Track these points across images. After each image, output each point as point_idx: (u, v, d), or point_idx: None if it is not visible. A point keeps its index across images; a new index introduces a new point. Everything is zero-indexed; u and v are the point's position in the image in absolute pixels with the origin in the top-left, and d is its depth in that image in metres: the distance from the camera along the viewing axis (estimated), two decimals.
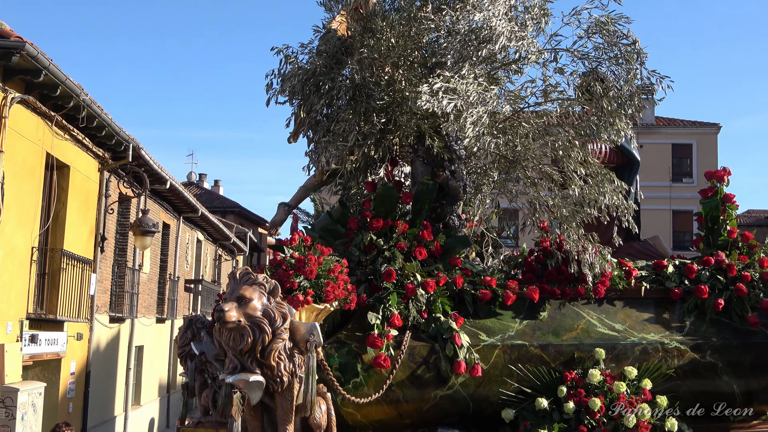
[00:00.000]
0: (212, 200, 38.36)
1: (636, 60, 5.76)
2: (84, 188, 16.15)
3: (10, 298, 13.15)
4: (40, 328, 14.27)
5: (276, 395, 4.79)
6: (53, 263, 14.92)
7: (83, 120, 14.48)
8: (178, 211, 23.40)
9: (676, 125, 44.63)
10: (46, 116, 13.85)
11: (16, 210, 13.19)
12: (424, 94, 5.23)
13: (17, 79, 12.74)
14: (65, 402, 15.61)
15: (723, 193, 6.78)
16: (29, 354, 13.92)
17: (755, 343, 6.20)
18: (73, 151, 15.35)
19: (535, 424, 5.60)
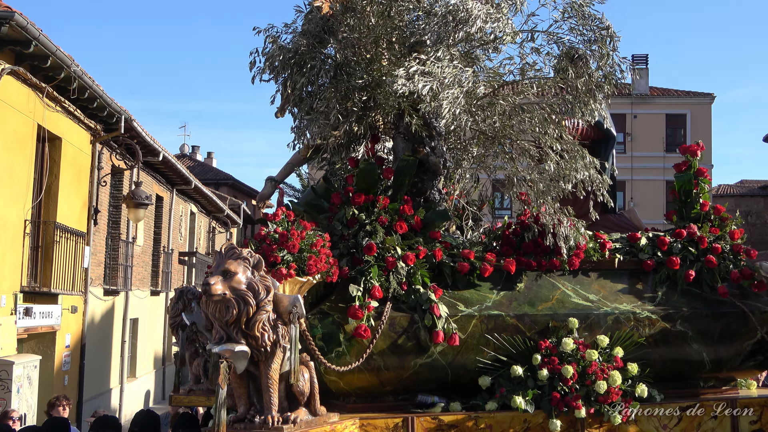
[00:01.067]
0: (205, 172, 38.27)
1: (608, 44, 5.88)
2: (76, 160, 16.18)
3: (4, 271, 13.25)
4: (34, 301, 14.38)
5: (261, 364, 4.98)
6: (46, 236, 15.00)
7: (74, 91, 14.50)
8: (172, 184, 23.42)
9: (670, 95, 44.57)
10: (36, 88, 13.87)
11: (8, 182, 13.24)
12: (401, 78, 5.37)
13: (7, 50, 12.75)
14: (60, 375, 15.76)
15: (696, 167, 6.91)
16: (24, 327, 14.05)
17: (724, 313, 6.38)
18: (65, 122, 15.38)
19: (510, 390, 5.76)
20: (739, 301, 6.46)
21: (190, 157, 43.06)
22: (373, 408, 5.81)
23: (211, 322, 5.02)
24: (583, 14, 5.95)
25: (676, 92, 44.39)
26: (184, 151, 43.48)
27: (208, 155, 45.75)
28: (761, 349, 6.46)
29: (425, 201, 6.29)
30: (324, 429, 5.18)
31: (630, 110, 42.48)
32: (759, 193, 53.23)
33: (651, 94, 43.95)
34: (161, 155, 19.51)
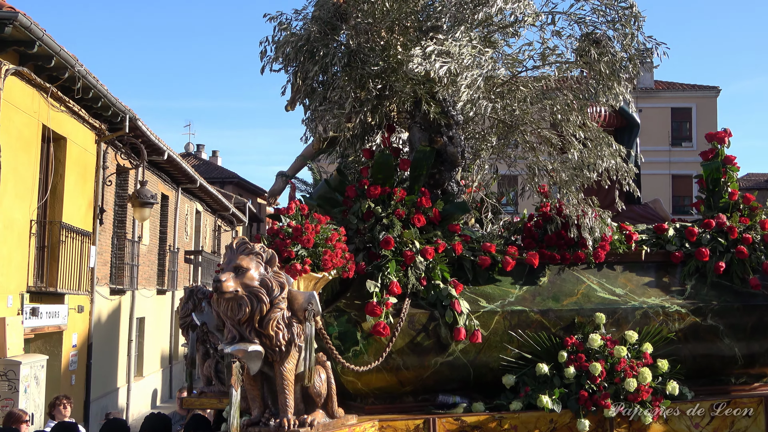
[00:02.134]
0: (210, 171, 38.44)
1: (633, 24, 5.68)
2: (81, 160, 16.18)
3: (10, 272, 13.21)
4: (40, 301, 14.36)
5: (275, 364, 4.78)
6: (52, 236, 14.99)
7: (79, 91, 14.50)
8: (177, 183, 23.49)
9: (676, 89, 44.56)
10: (41, 88, 13.85)
11: (13, 183, 13.22)
12: (417, 57, 5.17)
13: (11, 51, 12.73)
14: (68, 374, 15.74)
15: (724, 155, 6.73)
16: (30, 327, 14.01)
17: (757, 306, 6.20)
18: (70, 122, 15.37)
19: (535, 389, 5.58)
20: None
21: (195, 155, 43.25)
22: (393, 409, 5.63)
23: (222, 321, 4.82)
24: None
25: (682, 86, 44.37)
26: (188, 150, 43.66)
27: (213, 154, 45.93)
28: None
29: (443, 193, 6.11)
30: (342, 431, 5.00)
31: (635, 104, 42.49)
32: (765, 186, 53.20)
33: (656, 87, 43.95)
34: (166, 154, 19.54)
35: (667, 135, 42.31)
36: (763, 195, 37.79)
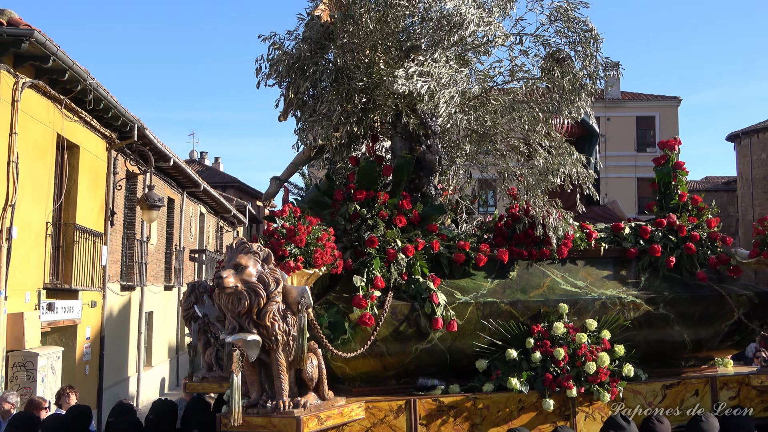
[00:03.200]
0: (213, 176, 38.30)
1: (592, 45, 5.79)
2: (93, 166, 16.15)
3: (28, 270, 13.18)
4: (56, 297, 14.33)
5: (271, 352, 4.87)
6: (67, 237, 14.96)
7: (90, 102, 14.47)
8: (182, 187, 23.42)
9: (640, 99, 44.70)
10: (55, 99, 13.82)
11: (30, 188, 13.18)
12: (400, 78, 5.26)
13: (27, 65, 12.70)
14: (82, 365, 15.70)
15: (674, 161, 6.82)
16: (47, 321, 13.98)
17: (703, 296, 6.30)
18: (82, 132, 15.34)
19: (505, 372, 5.67)
20: (716, 285, 6.38)
21: (199, 162, 43.08)
22: (378, 391, 5.71)
23: (223, 313, 4.90)
24: (568, 17, 5.85)
25: (646, 96, 44.50)
26: (193, 157, 43.48)
27: (216, 160, 45.74)
28: (738, 329, 6.37)
29: (422, 196, 6.19)
30: (332, 412, 5.07)
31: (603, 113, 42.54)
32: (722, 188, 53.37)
33: (622, 98, 44.05)
34: (172, 161, 19.50)
35: (633, 141, 42.43)
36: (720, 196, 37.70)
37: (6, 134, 12.15)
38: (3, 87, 12.16)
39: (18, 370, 12.87)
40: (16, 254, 12.46)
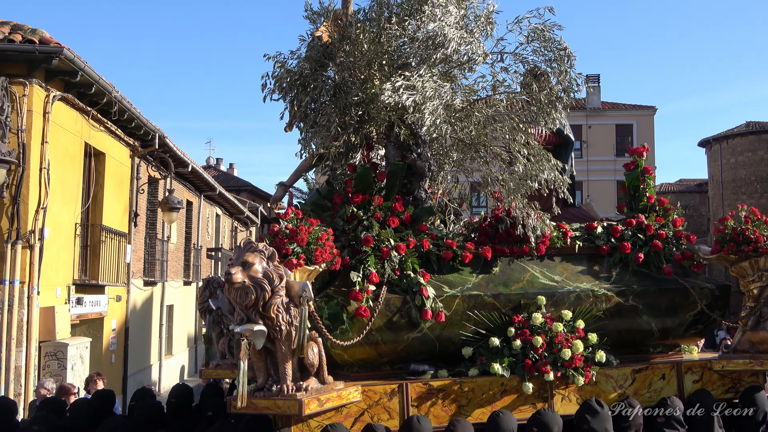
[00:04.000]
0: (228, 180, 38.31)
1: (566, 62, 5.83)
2: (118, 172, 16.20)
3: (58, 267, 13.23)
4: (84, 292, 14.38)
5: (276, 341, 4.92)
6: (94, 236, 15.01)
7: (115, 113, 14.52)
8: (199, 190, 23.46)
9: (619, 108, 44.68)
10: (83, 111, 13.87)
11: (60, 192, 13.23)
12: (388, 91, 5.32)
13: (57, 80, 12.74)
14: (108, 354, 15.77)
15: (642, 166, 6.86)
16: (76, 314, 14.04)
17: (669, 289, 6.33)
18: (108, 140, 15.40)
19: (489, 358, 5.71)
20: (681, 278, 6.40)
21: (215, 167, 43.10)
22: (373, 376, 5.75)
23: (233, 306, 4.96)
24: (545, 38, 5.89)
25: (624, 105, 44.48)
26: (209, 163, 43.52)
27: (230, 166, 45.75)
28: (701, 319, 6.41)
29: (413, 199, 6.23)
30: (331, 395, 5.12)
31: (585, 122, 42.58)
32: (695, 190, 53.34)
33: (603, 107, 44.04)
34: (190, 166, 19.54)
35: (613, 147, 42.43)
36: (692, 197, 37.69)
37: (38, 143, 12.21)
38: (35, 100, 12.21)
39: (50, 359, 12.92)
40: (48, 253, 12.51)
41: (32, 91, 12.13)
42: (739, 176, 48.49)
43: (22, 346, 12.02)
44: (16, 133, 11.99)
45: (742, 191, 48.02)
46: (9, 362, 11.91)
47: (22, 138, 11.98)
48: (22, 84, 12.05)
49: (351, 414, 5.35)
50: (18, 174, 11.91)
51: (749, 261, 6.04)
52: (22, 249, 12.01)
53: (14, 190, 11.94)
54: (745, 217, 6.16)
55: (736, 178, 48.77)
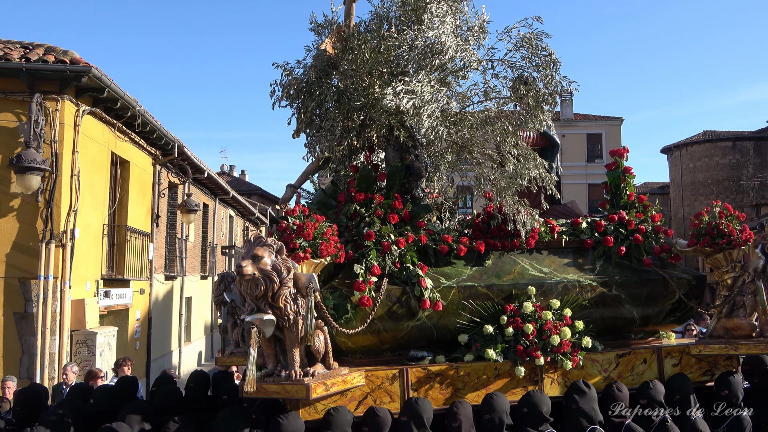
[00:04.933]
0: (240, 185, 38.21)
1: (552, 68, 5.61)
2: (141, 178, 16.13)
3: (88, 264, 13.13)
4: (111, 286, 14.30)
5: (284, 330, 4.71)
6: (120, 236, 14.92)
7: (139, 126, 14.46)
8: (215, 194, 23.40)
9: (590, 119, 44.65)
10: (109, 123, 13.80)
11: (89, 196, 13.17)
12: (389, 95, 5.10)
13: (86, 96, 12.70)
14: (133, 341, 15.65)
15: (623, 166, 6.66)
16: (104, 306, 13.93)
17: (649, 279, 6.13)
18: (132, 150, 15.33)
19: (483, 345, 5.51)
20: (660, 270, 6.19)
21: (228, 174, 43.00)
22: (375, 362, 5.53)
23: (244, 297, 4.72)
24: (532, 45, 5.67)
25: (594, 117, 44.44)
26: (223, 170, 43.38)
27: (242, 172, 45.62)
28: (679, 307, 6.19)
29: (412, 198, 6.01)
30: (336, 379, 4.90)
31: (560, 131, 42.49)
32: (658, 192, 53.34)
33: (575, 118, 44.02)
34: (206, 173, 19.46)
35: (584, 154, 42.39)
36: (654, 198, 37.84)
37: (69, 152, 12.19)
38: (67, 114, 12.17)
39: (80, 347, 12.83)
40: (78, 251, 12.44)
41: (64, 106, 12.09)
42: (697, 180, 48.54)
43: (55, 334, 11.96)
44: (50, 143, 12.04)
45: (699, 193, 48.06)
46: (44, 349, 11.87)
47: (55, 148, 12.00)
48: (54, 100, 12.07)
49: (355, 397, 5.15)
50: (51, 180, 11.95)
51: (723, 253, 5.83)
52: (55, 248, 11.98)
53: (48, 194, 11.97)
54: (719, 212, 5.94)
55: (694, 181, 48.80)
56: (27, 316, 11.73)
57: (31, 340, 11.71)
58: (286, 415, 4.77)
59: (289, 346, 4.75)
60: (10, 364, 11.61)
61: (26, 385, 6.36)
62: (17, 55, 11.82)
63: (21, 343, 11.71)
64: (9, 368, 11.54)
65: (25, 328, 11.73)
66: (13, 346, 11.65)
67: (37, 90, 11.75)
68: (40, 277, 11.77)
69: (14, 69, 11.50)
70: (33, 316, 11.70)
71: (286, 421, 4.73)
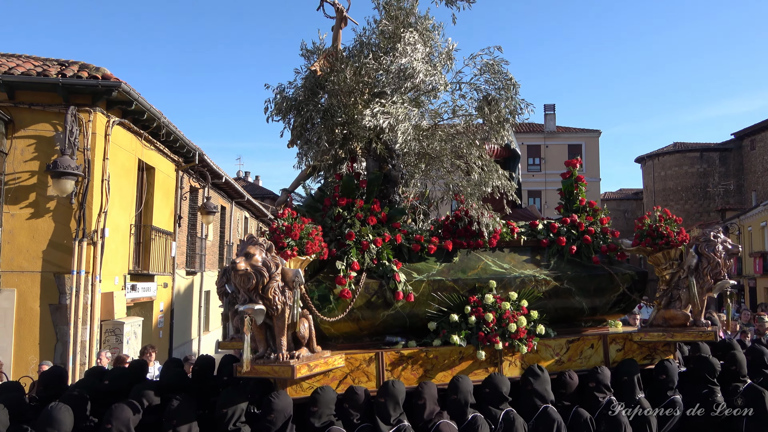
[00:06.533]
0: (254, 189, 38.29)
1: (512, 90, 5.72)
2: (165, 183, 16.23)
3: (117, 260, 13.23)
4: (137, 280, 14.41)
5: (273, 318, 4.84)
6: (145, 235, 15.02)
7: (163, 135, 14.59)
8: (231, 198, 23.47)
9: (571, 131, 44.61)
10: (137, 133, 13.94)
11: (118, 199, 13.27)
12: (367, 116, 5.21)
13: (116, 108, 12.85)
14: (156, 330, 15.76)
15: (576, 175, 6.76)
16: (131, 298, 14.05)
17: (597, 275, 6.22)
18: (157, 157, 15.44)
19: (450, 331, 5.61)
20: (607, 266, 6.29)
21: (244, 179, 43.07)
22: (355, 346, 5.64)
23: (238, 289, 4.85)
24: (494, 70, 5.79)
25: (575, 129, 44.38)
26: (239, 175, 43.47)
27: (256, 178, 45.71)
28: (623, 299, 6.29)
29: (389, 202, 6.12)
30: (319, 361, 5.01)
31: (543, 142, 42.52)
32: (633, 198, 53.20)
33: (557, 131, 43.97)
34: (224, 178, 19.54)
35: None
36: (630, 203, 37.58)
37: (101, 159, 12.27)
38: (98, 124, 12.28)
39: (109, 335, 12.92)
40: (108, 248, 12.53)
41: (96, 118, 12.21)
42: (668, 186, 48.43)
43: (86, 324, 12.07)
44: (83, 151, 12.13)
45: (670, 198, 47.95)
46: (76, 338, 11.97)
47: (88, 155, 12.10)
48: (87, 112, 12.18)
49: (336, 377, 5.25)
50: (84, 185, 12.03)
51: (662, 252, 5.93)
52: (87, 245, 12.07)
53: (81, 197, 12.04)
54: (659, 216, 6.05)
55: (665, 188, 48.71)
56: (61, 307, 11.86)
57: (64, 329, 11.84)
58: (277, 393, 4.89)
59: (278, 333, 4.87)
60: (45, 350, 11.75)
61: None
62: (54, 72, 11.98)
63: (56, 331, 11.84)
64: (44, 354, 11.69)
65: (60, 318, 11.86)
66: (48, 335, 11.79)
67: (72, 103, 11.89)
68: (73, 272, 11.89)
69: (51, 84, 11.65)
70: (66, 307, 11.84)
71: (277, 399, 4.85)
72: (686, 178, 47.36)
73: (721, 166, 46.98)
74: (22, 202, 11.91)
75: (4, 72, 11.68)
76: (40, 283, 11.86)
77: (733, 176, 46.42)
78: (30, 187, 11.92)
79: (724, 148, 47.04)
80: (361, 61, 5.66)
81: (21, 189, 11.91)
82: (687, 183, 47.35)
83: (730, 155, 46.79)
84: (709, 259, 5.70)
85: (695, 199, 47.01)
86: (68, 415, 4.73)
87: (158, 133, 14.32)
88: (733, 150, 46.62)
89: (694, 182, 47.17)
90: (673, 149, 48.14)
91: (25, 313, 11.82)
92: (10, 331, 11.81)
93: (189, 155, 16.52)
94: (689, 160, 47.42)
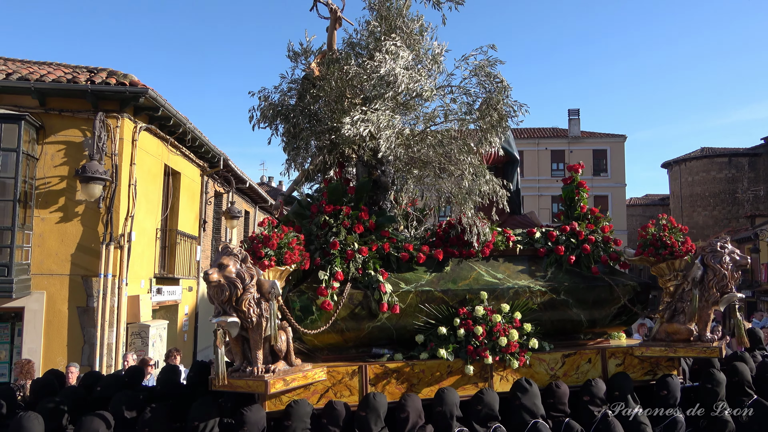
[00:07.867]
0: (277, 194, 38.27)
1: (503, 93, 5.27)
2: (190, 188, 16.16)
3: (143, 264, 13.14)
4: (163, 284, 14.31)
5: (249, 330, 4.52)
6: (171, 239, 14.94)
7: (189, 141, 14.50)
8: (255, 202, 23.41)
9: (596, 136, 43.48)
10: (163, 139, 13.87)
11: (144, 203, 13.20)
12: (347, 124, 4.84)
13: (143, 114, 12.80)
14: (181, 333, 15.65)
15: (578, 181, 6.26)
16: (156, 301, 13.93)
17: (596, 286, 5.73)
18: (183, 162, 15.38)
19: (437, 344, 5.20)
20: (607, 277, 5.77)
21: (267, 184, 43.13)
22: (341, 358, 5.26)
23: (211, 300, 4.53)
24: (486, 72, 5.34)
25: (599, 134, 43.21)
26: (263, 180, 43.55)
27: (279, 183, 45.71)
28: (624, 311, 5.76)
29: (379, 209, 5.72)
30: (297, 375, 4.66)
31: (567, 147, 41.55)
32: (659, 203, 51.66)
33: (582, 135, 42.91)
34: (248, 183, 19.44)
35: (590, 168, 41.24)
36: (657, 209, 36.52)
37: (128, 164, 12.26)
38: (126, 130, 12.26)
39: (135, 338, 12.85)
40: (134, 252, 12.46)
41: (123, 123, 12.20)
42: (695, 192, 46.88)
43: (113, 327, 12.01)
44: (111, 156, 12.13)
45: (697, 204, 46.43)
46: (102, 340, 11.93)
47: (115, 160, 12.10)
48: (115, 118, 12.18)
49: (317, 391, 4.89)
50: (111, 189, 12.04)
51: (666, 263, 5.40)
52: (114, 249, 12.06)
53: (108, 201, 12.05)
54: (663, 225, 5.51)
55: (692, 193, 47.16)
56: (88, 309, 11.82)
57: (91, 332, 11.79)
58: (250, 407, 4.56)
59: (253, 346, 4.55)
60: (73, 352, 11.71)
61: (85, 372, 6.25)
62: (83, 79, 11.98)
63: (83, 333, 11.81)
64: (72, 356, 11.64)
65: (87, 320, 11.81)
66: (76, 337, 11.75)
67: (100, 109, 11.89)
68: (101, 275, 11.84)
69: (81, 90, 11.66)
70: (94, 310, 11.78)
71: (249, 412, 4.53)
72: (714, 183, 45.70)
73: (751, 171, 45.17)
74: (51, 206, 11.93)
75: (36, 79, 11.72)
76: (68, 286, 11.83)
77: (762, 182, 44.59)
78: (59, 191, 11.94)
79: (754, 153, 45.22)
80: (349, 64, 5.28)
81: (51, 193, 11.93)
82: (715, 189, 45.69)
83: (760, 160, 44.97)
84: (716, 271, 5.13)
85: (723, 205, 45.30)
86: (37, 424, 4.46)
87: (184, 138, 14.26)
88: (762, 155, 44.81)
89: (723, 188, 45.47)
90: (701, 154, 46.50)
91: (53, 315, 11.80)
92: (39, 332, 11.80)
93: (214, 160, 16.44)
94: (717, 166, 45.74)
